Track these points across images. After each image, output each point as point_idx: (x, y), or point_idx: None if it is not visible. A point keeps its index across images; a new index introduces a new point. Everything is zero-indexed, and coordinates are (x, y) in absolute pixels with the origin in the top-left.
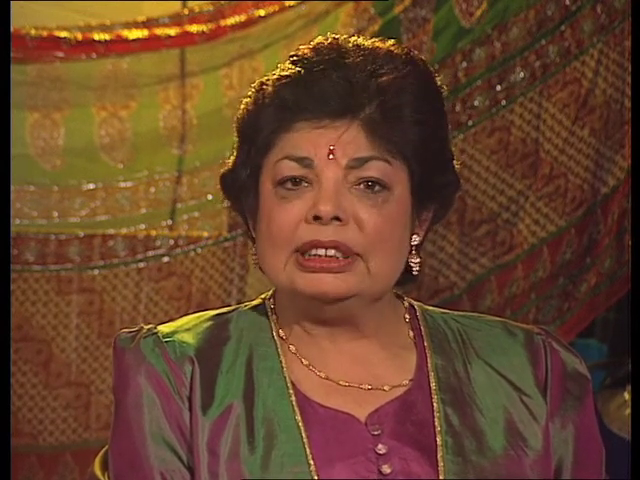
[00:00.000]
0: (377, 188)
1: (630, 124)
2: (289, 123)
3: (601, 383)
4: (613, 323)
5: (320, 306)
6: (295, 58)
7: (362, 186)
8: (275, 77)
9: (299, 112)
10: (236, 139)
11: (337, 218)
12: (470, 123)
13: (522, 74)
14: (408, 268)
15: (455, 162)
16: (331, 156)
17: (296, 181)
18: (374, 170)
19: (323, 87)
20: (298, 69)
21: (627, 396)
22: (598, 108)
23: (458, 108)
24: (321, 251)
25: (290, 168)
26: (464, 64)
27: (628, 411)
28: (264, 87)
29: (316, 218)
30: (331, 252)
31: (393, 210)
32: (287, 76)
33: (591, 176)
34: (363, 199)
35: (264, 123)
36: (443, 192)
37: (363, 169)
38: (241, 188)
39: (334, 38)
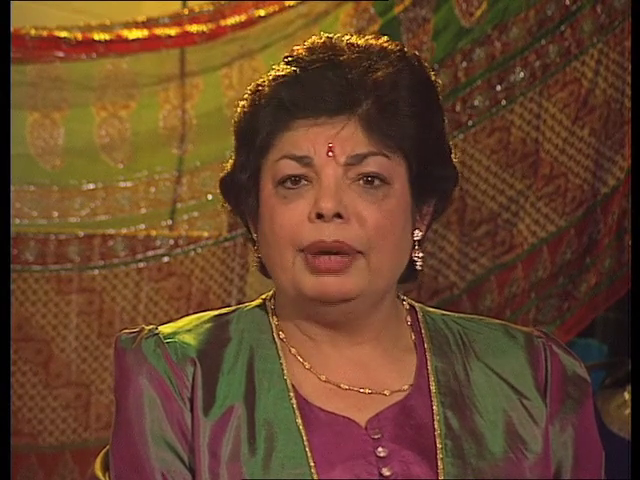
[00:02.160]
0: (377, 183)
1: (630, 124)
2: (287, 122)
3: (601, 383)
4: (613, 323)
5: (323, 308)
6: (290, 58)
7: (362, 182)
8: (270, 78)
9: (296, 111)
10: (234, 142)
11: (339, 215)
12: (470, 123)
13: (522, 74)
14: (411, 263)
15: (453, 156)
16: (330, 154)
17: (296, 180)
18: (372, 165)
19: (319, 85)
20: (293, 69)
21: (627, 396)
22: (598, 108)
23: (458, 108)
24: (325, 251)
25: (290, 167)
26: (464, 64)
27: (628, 411)
28: (260, 89)
29: (318, 216)
30: (334, 251)
31: (393, 205)
32: (283, 76)
33: (591, 176)
34: (363, 195)
35: (261, 124)
36: (442, 185)
37: (362, 165)
38: (241, 190)
39: (327, 37)
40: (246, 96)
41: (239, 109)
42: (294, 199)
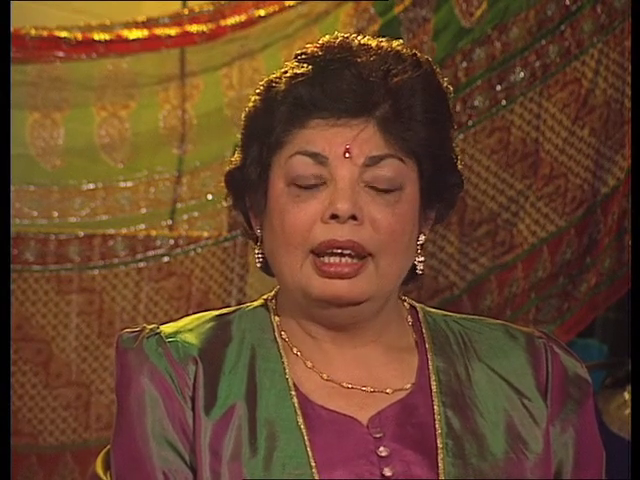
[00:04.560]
0: (390, 188)
1: (630, 124)
2: (303, 120)
3: (601, 383)
4: (613, 323)
5: (329, 311)
6: (304, 56)
7: (375, 186)
8: (288, 75)
9: (314, 110)
10: (242, 137)
11: (353, 217)
12: (470, 123)
13: (522, 74)
14: (413, 267)
15: (459, 163)
16: (347, 155)
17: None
18: (389, 168)
19: (339, 85)
20: (311, 67)
21: (627, 396)
22: (598, 108)
23: (458, 108)
24: (337, 251)
25: (304, 164)
26: (464, 64)
27: (628, 411)
28: (275, 85)
29: (333, 217)
30: (347, 251)
31: (405, 209)
32: (301, 74)
33: (591, 176)
34: (377, 199)
35: (277, 121)
36: (449, 192)
37: (378, 167)
38: (249, 186)
39: (343, 37)
40: (258, 91)
41: (251, 103)
42: (307, 199)
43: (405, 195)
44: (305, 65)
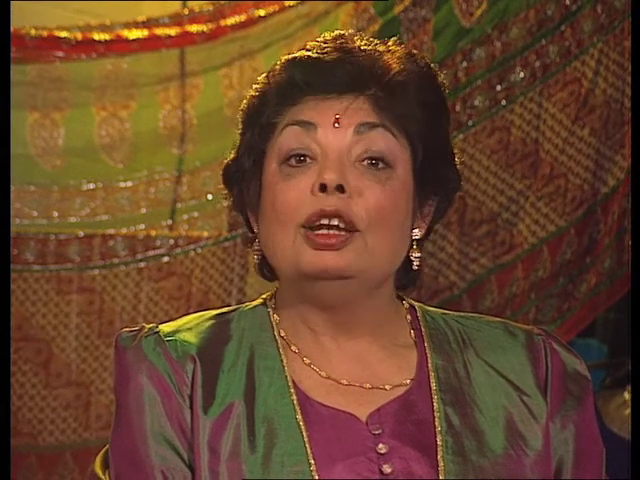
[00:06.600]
0: (381, 165)
1: (630, 124)
2: (295, 99)
3: (601, 383)
4: (613, 323)
5: (321, 286)
6: (302, 50)
7: (366, 162)
8: (282, 60)
9: (307, 88)
10: (240, 130)
11: (341, 188)
12: (470, 123)
13: (522, 74)
14: (409, 263)
15: (457, 161)
16: (337, 125)
17: (300, 159)
18: (380, 140)
19: (331, 66)
20: (305, 53)
21: (627, 396)
22: (598, 108)
23: (458, 108)
24: (325, 220)
25: (294, 134)
26: (464, 64)
27: (628, 411)
28: (269, 74)
29: (322, 189)
30: (335, 221)
31: (396, 188)
32: (294, 57)
33: (591, 176)
34: (366, 174)
35: (269, 101)
36: (445, 185)
37: (369, 137)
38: (244, 176)
39: (339, 33)
40: (255, 86)
41: (247, 97)
42: (297, 176)
43: (397, 175)
44: (300, 52)
